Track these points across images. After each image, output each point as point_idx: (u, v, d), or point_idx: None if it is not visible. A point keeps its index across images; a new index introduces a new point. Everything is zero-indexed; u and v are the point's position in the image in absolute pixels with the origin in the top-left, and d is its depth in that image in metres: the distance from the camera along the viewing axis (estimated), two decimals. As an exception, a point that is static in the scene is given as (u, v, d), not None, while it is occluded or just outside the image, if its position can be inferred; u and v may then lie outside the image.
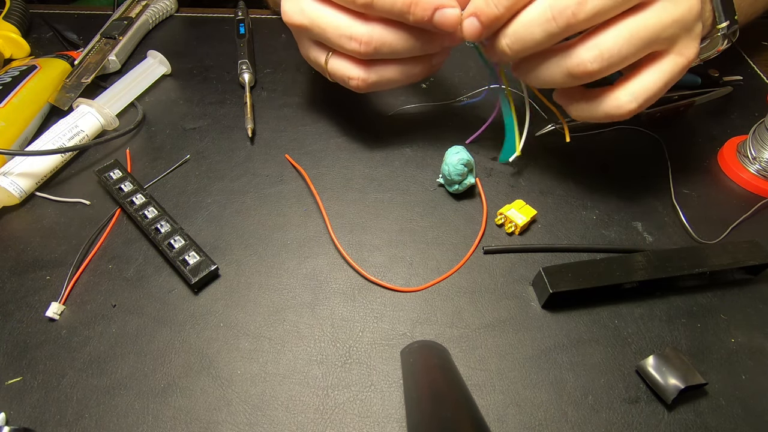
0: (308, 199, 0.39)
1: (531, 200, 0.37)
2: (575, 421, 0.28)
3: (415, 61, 0.35)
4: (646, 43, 0.29)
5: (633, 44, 0.29)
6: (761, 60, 0.53)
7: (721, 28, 0.35)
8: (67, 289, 0.33)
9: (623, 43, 0.28)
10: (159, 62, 0.48)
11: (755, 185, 0.40)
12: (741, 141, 0.42)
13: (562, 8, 0.27)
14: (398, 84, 0.36)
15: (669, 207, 0.39)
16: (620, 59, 0.29)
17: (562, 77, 0.30)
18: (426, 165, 0.41)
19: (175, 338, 0.31)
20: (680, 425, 0.28)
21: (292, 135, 0.44)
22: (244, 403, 0.28)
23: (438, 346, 0.29)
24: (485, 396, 0.29)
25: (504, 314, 0.32)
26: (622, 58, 0.29)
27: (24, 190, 0.37)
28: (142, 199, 0.36)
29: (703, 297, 0.33)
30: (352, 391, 0.29)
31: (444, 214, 0.38)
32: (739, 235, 0.37)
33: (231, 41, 0.51)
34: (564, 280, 0.31)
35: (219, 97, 0.47)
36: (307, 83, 0.49)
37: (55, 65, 0.46)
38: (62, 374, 0.29)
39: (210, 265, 0.33)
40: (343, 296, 0.33)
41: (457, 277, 0.34)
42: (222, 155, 0.42)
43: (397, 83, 0.36)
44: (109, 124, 0.43)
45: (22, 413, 0.28)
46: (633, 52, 0.29)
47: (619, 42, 0.28)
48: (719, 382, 0.30)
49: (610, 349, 0.31)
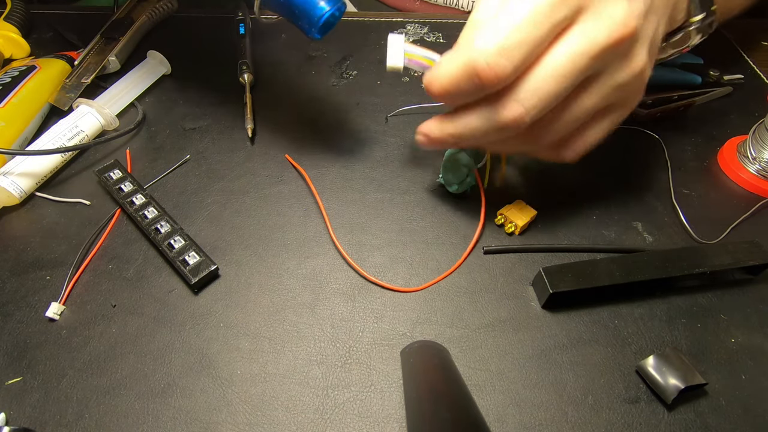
0: (308, 200, 0.39)
1: (531, 200, 0.37)
2: (575, 421, 0.28)
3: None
4: (588, 116, 0.29)
5: (576, 122, 0.29)
6: (761, 60, 0.53)
7: (694, 22, 0.34)
8: (67, 289, 0.33)
9: (565, 127, 0.29)
10: (159, 62, 0.48)
11: (755, 185, 0.40)
12: (741, 141, 0.42)
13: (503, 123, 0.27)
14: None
15: (669, 207, 0.39)
16: (549, 104, 0.27)
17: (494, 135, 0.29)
18: (426, 165, 0.41)
19: (175, 338, 0.31)
20: (680, 425, 0.28)
21: (292, 135, 0.44)
22: (244, 403, 0.28)
23: (438, 346, 0.29)
24: (485, 396, 0.29)
25: (504, 314, 0.32)
26: (551, 102, 0.27)
27: (24, 190, 0.37)
28: (142, 200, 0.36)
29: (703, 297, 0.33)
30: (352, 391, 0.29)
31: (444, 214, 0.38)
32: (739, 235, 0.37)
33: (231, 41, 0.51)
34: (564, 280, 0.31)
35: (219, 97, 0.47)
36: (307, 84, 0.49)
37: (55, 65, 0.46)
38: (62, 374, 0.29)
39: (210, 265, 0.33)
40: (343, 296, 0.33)
41: (457, 277, 0.34)
42: (222, 155, 0.42)
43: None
44: (109, 124, 0.43)
45: (22, 413, 0.28)
46: (576, 126, 0.29)
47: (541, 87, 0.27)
48: (719, 382, 0.30)
49: (610, 349, 0.31)
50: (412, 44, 0.33)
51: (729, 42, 0.55)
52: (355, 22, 0.57)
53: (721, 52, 0.53)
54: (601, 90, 0.28)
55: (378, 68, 0.51)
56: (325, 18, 0.33)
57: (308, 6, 0.33)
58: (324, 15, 0.33)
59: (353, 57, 0.52)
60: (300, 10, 0.33)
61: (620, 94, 0.29)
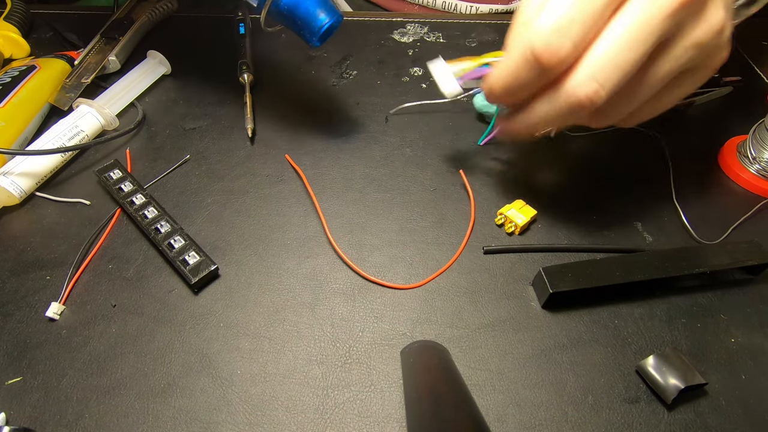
0: (308, 199, 0.39)
1: (531, 200, 0.37)
2: (575, 421, 0.28)
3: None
4: (666, 82, 0.27)
5: (655, 88, 0.27)
6: (761, 60, 0.53)
7: None
8: (67, 289, 0.33)
9: (642, 96, 0.27)
10: (159, 62, 0.48)
11: (755, 185, 0.40)
12: (741, 141, 0.42)
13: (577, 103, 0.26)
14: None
15: (669, 207, 0.39)
16: (642, 103, 0.27)
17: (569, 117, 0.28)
18: (426, 165, 0.41)
19: (175, 338, 0.31)
20: (680, 425, 0.28)
21: (292, 135, 0.44)
22: (244, 403, 0.28)
23: (438, 346, 0.29)
24: (485, 396, 0.29)
25: (504, 314, 0.32)
26: (644, 102, 0.27)
27: (24, 190, 0.37)
28: (142, 199, 0.36)
29: (703, 297, 0.33)
30: (352, 391, 0.29)
31: (444, 214, 0.38)
32: (739, 235, 0.37)
33: (231, 41, 0.51)
34: (564, 280, 0.31)
35: (219, 97, 0.47)
36: (307, 83, 0.49)
37: (55, 65, 0.45)
38: (62, 374, 0.29)
39: (210, 265, 0.33)
40: (343, 296, 0.33)
41: (457, 276, 0.34)
42: (222, 155, 0.42)
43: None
44: (109, 124, 0.43)
45: (22, 413, 0.28)
46: (655, 93, 0.27)
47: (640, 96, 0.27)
48: (719, 382, 0.30)
49: (610, 349, 0.31)
50: (453, 62, 0.33)
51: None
52: (355, 22, 0.57)
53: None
54: (678, 53, 0.26)
55: (378, 68, 0.51)
56: (324, 29, 0.36)
57: (309, 18, 0.36)
58: (324, 26, 0.35)
59: (353, 57, 0.52)
60: (302, 21, 0.36)
61: (699, 55, 0.27)
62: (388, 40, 0.55)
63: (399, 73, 0.50)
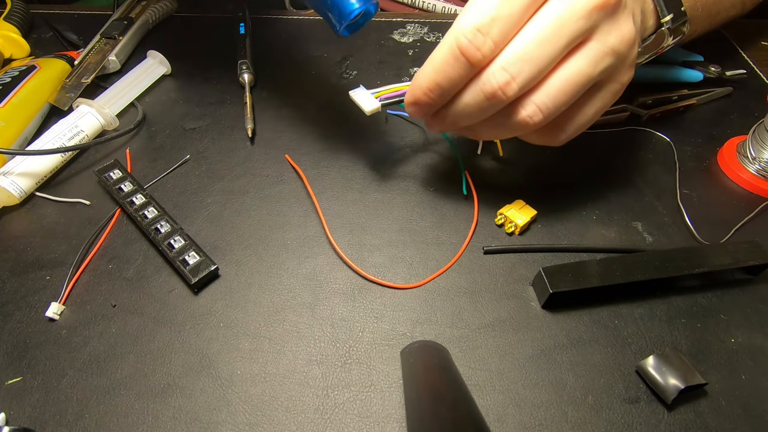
0: (308, 200, 0.39)
1: (531, 200, 0.37)
2: (575, 421, 0.28)
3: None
4: (582, 86, 0.29)
5: (570, 91, 0.28)
6: (761, 60, 0.53)
7: (665, 22, 0.34)
8: (67, 289, 0.33)
9: (558, 94, 0.28)
10: (159, 62, 0.48)
11: (755, 185, 0.40)
12: (741, 141, 0.42)
13: (490, 92, 0.28)
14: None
15: (669, 207, 0.39)
16: (559, 107, 0.29)
17: (508, 132, 0.31)
18: (426, 165, 0.41)
19: (175, 338, 0.31)
20: (680, 425, 0.28)
21: (292, 135, 0.44)
22: (244, 403, 0.28)
23: (438, 346, 0.29)
24: (485, 396, 0.29)
25: (504, 314, 0.32)
26: (561, 106, 0.29)
27: (24, 190, 0.37)
28: (142, 199, 0.36)
29: (703, 297, 0.33)
30: (352, 391, 0.29)
31: (444, 214, 0.38)
32: (739, 236, 0.37)
33: (231, 41, 0.51)
34: (564, 280, 0.31)
35: (219, 97, 0.47)
36: (307, 83, 0.49)
37: (55, 65, 0.46)
38: (62, 374, 0.29)
39: (210, 265, 0.33)
40: (343, 296, 0.33)
41: (457, 276, 0.34)
42: (222, 155, 0.42)
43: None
44: (109, 124, 0.43)
45: (22, 413, 0.28)
46: (571, 97, 0.29)
47: (553, 93, 0.28)
48: (719, 382, 0.30)
49: (610, 349, 0.31)
50: (372, 90, 0.36)
51: (729, 42, 0.55)
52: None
53: (721, 52, 0.53)
54: (597, 57, 0.28)
55: (378, 68, 0.51)
56: (356, 13, 0.33)
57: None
58: (355, 10, 0.33)
59: (353, 57, 0.52)
60: (332, 1, 0.33)
61: (614, 63, 0.28)
62: (388, 40, 0.55)
63: (399, 73, 0.50)
